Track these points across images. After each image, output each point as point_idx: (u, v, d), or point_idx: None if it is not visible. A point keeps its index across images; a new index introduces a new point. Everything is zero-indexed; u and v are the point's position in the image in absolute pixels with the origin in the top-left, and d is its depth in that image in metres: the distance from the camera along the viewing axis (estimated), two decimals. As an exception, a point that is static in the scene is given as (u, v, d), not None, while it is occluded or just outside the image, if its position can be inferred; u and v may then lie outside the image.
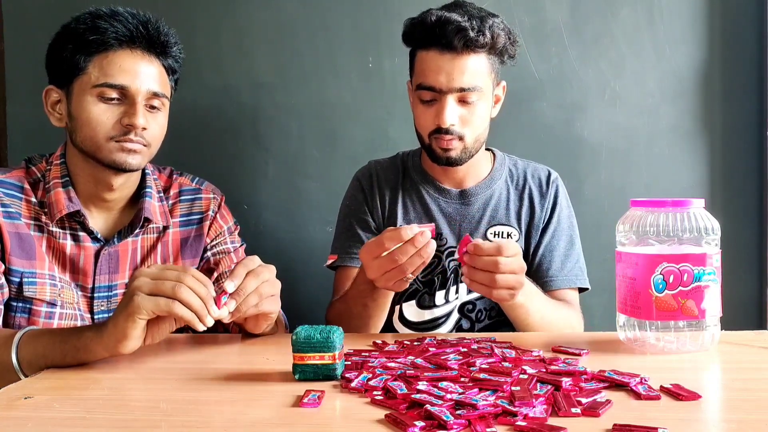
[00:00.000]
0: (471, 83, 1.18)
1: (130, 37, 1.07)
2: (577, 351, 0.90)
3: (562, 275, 1.30)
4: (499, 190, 1.34)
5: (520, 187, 1.34)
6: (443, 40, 1.17)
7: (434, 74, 1.18)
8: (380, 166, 1.38)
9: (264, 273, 0.92)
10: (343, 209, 1.39)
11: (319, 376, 0.77)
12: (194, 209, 1.22)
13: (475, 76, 1.19)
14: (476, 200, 1.32)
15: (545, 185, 1.34)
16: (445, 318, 1.30)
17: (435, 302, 1.30)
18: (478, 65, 1.19)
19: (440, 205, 1.32)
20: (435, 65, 1.18)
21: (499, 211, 1.32)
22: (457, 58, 1.17)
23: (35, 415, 0.68)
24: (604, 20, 1.66)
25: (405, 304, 1.31)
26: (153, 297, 0.82)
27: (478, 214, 1.32)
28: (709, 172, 1.67)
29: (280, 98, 1.70)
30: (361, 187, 1.36)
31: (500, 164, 1.36)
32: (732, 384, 0.80)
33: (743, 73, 1.65)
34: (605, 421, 0.63)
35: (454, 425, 0.61)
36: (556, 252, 1.31)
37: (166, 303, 0.82)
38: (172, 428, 0.64)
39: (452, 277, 1.30)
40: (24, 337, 0.88)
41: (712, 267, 0.88)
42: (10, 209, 1.07)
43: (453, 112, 1.19)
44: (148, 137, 1.09)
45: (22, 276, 1.05)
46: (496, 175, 1.35)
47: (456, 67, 1.17)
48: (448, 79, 1.17)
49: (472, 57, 1.18)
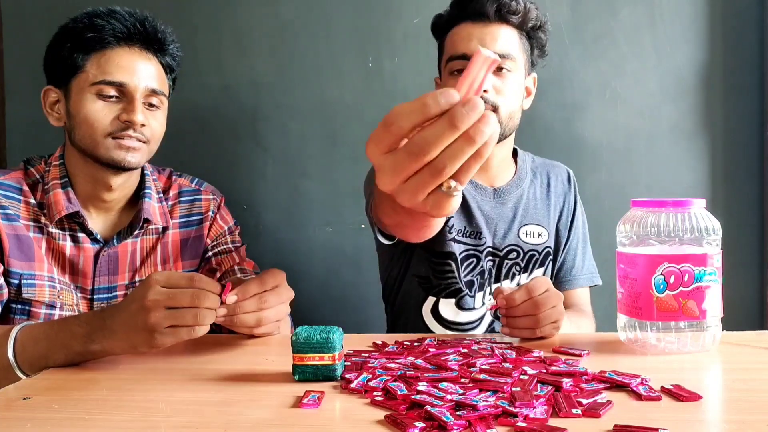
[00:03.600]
0: (504, 49, 1.17)
1: (127, 34, 1.07)
2: (577, 352, 0.90)
3: (582, 274, 1.33)
4: (527, 189, 1.33)
5: (545, 187, 1.34)
6: (476, 9, 1.17)
7: (465, 42, 1.18)
8: None
9: (271, 300, 0.91)
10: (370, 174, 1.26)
11: (319, 377, 0.77)
12: (194, 210, 1.22)
13: (507, 45, 1.18)
14: (509, 199, 1.30)
15: (567, 184, 1.35)
16: (479, 321, 1.29)
17: (474, 305, 1.28)
18: (510, 36, 1.19)
19: (478, 202, 1.28)
20: (466, 33, 1.18)
21: (529, 210, 1.31)
22: (489, 26, 1.18)
23: (34, 416, 0.68)
24: (604, 20, 1.66)
25: (443, 300, 1.28)
26: (174, 329, 0.81)
27: (511, 213, 1.30)
28: (709, 172, 1.67)
29: (280, 98, 1.70)
30: None
31: (523, 162, 1.35)
32: (733, 384, 0.79)
33: (744, 73, 1.65)
34: (606, 422, 0.63)
35: (454, 426, 0.61)
36: (578, 251, 1.33)
37: (188, 333, 0.82)
38: (171, 429, 0.63)
39: (488, 278, 1.28)
40: (22, 336, 0.86)
41: (713, 267, 0.88)
42: (8, 211, 1.07)
43: (487, 78, 1.17)
44: (146, 134, 1.09)
45: (20, 278, 1.05)
46: (522, 174, 1.33)
47: (488, 34, 1.18)
48: (481, 44, 1.16)
49: (504, 27, 1.19)
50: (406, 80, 1.66)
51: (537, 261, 1.28)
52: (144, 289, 0.81)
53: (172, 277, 0.83)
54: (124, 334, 0.82)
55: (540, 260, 1.29)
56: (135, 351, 0.83)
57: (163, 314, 0.80)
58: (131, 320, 0.81)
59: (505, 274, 1.28)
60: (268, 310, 0.91)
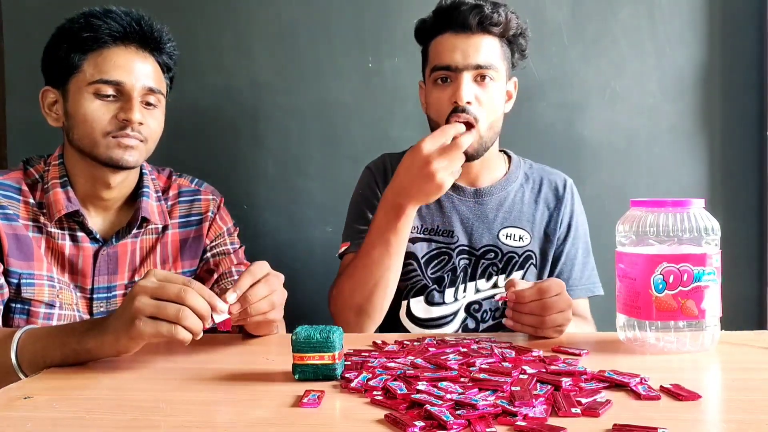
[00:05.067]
0: (486, 61, 1.20)
1: (123, 33, 1.07)
2: (577, 351, 0.90)
3: (581, 284, 1.33)
4: (514, 192, 1.34)
5: (536, 191, 1.35)
6: (459, 21, 1.20)
7: (449, 53, 1.20)
8: (393, 158, 1.38)
9: (274, 282, 0.92)
10: (355, 197, 1.37)
11: (319, 376, 0.77)
12: (193, 210, 1.22)
13: (489, 55, 1.21)
14: (490, 200, 1.32)
15: (562, 191, 1.35)
16: (452, 316, 1.30)
17: (444, 299, 1.30)
18: (492, 46, 1.22)
19: (454, 202, 1.32)
20: (450, 45, 1.21)
21: (513, 213, 1.32)
22: (472, 37, 1.20)
23: (35, 415, 0.68)
24: (604, 20, 1.66)
25: (413, 300, 1.30)
26: (155, 321, 0.80)
27: (492, 215, 1.32)
28: (709, 172, 1.67)
29: (280, 98, 1.70)
30: (374, 177, 1.36)
31: (516, 167, 1.37)
32: (732, 384, 0.79)
33: (743, 73, 1.65)
34: (605, 421, 0.63)
35: (454, 425, 0.61)
36: (577, 261, 1.33)
37: (168, 329, 0.80)
38: (171, 428, 0.64)
39: (461, 275, 1.30)
40: (23, 336, 0.87)
41: (712, 267, 0.88)
42: (7, 211, 1.07)
43: (469, 89, 1.20)
44: (144, 133, 1.09)
45: (20, 277, 1.05)
46: (512, 177, 1.35)
47: (471, 45, 1.20)
48: (464, 56, 1.19)
49: (486, 38, 1.21)
50: (406, 80, 1.66)
51: (516, 263, 1.30)
52: (140, 280, 0.82)
53: (169, 275, 0.83)
54: (113, 323, 0.82)
55: (519, 263, 1.30)
56: (118, 343, 0.82)
57: (147, 301, 0.80)
58: (121, 308, 0.82)
59: (481, 273, 1.30)
60: (276, 293, 0.92)
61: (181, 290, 0.80)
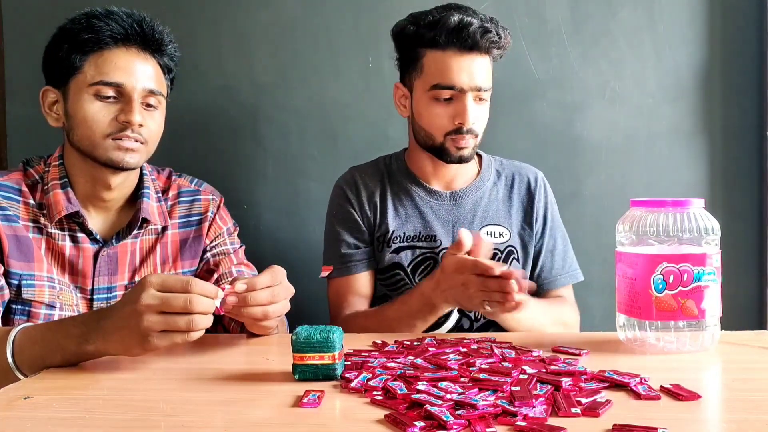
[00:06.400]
0: (487, 83, 1.24)
1: (125, 35, 1.07)
2: (577, 351, 0.90)
3: (564, 272, 1.35)
4: (488, 190, 1.35)
5: (509, 187, 1.37)
6: (467, 41, 1.20)
7: (456, 74, 1.21)
8: (362, 171, 1.38)
9: (280, 294, 0.92)
10: (330, 219, 1.37)
11: (319, 376, 0.77)
12: (193, 210, 1.22)
13: (488, 76, 1.25)
14: (467, 201, 1.34)
15: (534, 185, 1.37)
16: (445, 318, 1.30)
17: None
18: (488, 66, 1.25)
19: (432, 206, 1.33)
20: (456, 65, 1.21)
21: (490, 211, 1.34)
22: (476, 58, 1.22)
23: (35, 415, 0.68)
24: (604, 20, 1.66)
25: None
26: (168, 334, 0.80)
27: (470, 215, 1.33)
28: (709, 172, 1.67)
29: (280, 98, 1.70)
30: (345, 194, 1.35)
31: (487, 165, 1.38)
32: (732, 384, 0.79)
33: (743, 73, 1.65)
34: (605, 421, 0.63)
35: (454, 425, 0.61)
36: (557, 251, 1.35)
37: (182, 339, 0.80)
38: (171, 428, 0.64)
39: None
40: (19, 335, 0.86)
41: (712, 267, 0.88)
42: (7, 212, 1.07)
43: (473, 111, 1.23)
44: (145, 134, 1.09)
45: (20, 278, 1.05)
46: (485, 176, 1.37)
47: (475, 67, 1.22)
48: (470, 78, 1.21)
49: (486, 58, 1.24)
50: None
51: (500, 259, 1.31)
52: (137, 292, 0.80)
53: (167, 281, 0.81)
54: (118, 335, 0.82)
55: (503, 258, 1.32)
56: (129, 353, 0.83)
57: (155, 318, 0.79)
58: (124, 323, 0.81)
59: None
60: (276, 304, 0.91)
61: (187, 301, 0.80)
